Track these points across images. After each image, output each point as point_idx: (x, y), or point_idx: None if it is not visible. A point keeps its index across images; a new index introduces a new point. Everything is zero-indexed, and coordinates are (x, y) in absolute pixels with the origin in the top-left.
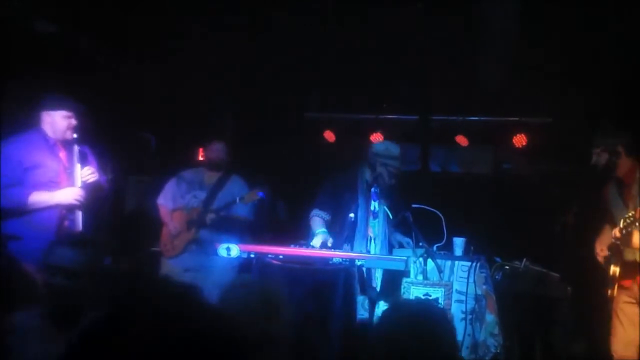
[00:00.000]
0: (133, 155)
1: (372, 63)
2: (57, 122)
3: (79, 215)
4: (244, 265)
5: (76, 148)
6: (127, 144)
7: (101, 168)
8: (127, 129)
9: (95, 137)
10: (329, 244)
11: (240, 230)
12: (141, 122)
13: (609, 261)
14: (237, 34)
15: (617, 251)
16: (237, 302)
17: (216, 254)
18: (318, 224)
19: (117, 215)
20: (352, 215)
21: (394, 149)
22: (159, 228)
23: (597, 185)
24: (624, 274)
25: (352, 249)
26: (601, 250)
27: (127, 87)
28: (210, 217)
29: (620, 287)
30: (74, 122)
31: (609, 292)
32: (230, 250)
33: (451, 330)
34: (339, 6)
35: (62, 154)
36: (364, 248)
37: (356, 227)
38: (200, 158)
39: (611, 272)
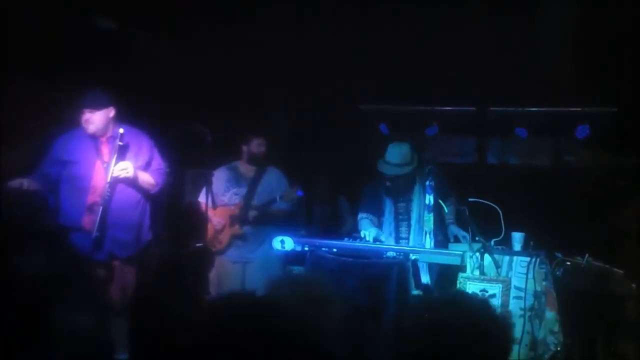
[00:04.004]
0: (190, 148)
1: (428, 54)
2: (92, 119)
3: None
4: (291, 256)
5: (117, 143)
6: (184, 137)
7: (154, 163)
8: (184, 123)
9: (151, 132)
10: (382, 238)
11: (283, 222)
12: (198, 116)
13: None
14: (291, 25)
15: None
16: (288, 296)
17: (262, 245)
18: (368, 225)
19: (176, 208)
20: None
21: (389, 154)
22: (204, 223)
23: None
24: None
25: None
26: None
27: (183, 81)
28: (253, 214)
29: None
30: (111, 118)
31: None
32: (285, 243)
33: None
34: None
35: (105, 149)
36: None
37: (382, 227)
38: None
39: None
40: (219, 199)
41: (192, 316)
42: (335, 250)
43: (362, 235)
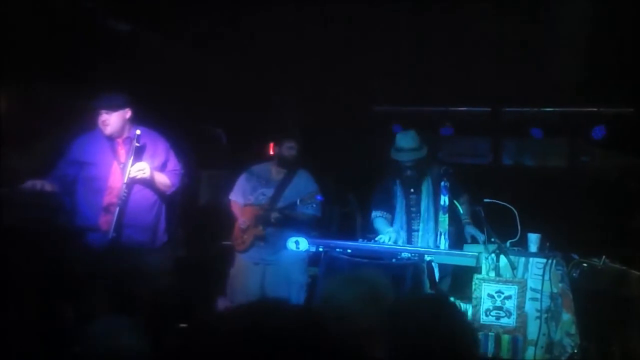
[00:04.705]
0: (205, 150)
1: (442, 54)
2: (109, 121)
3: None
4: (313, 258)
5: (134, 144)
6: (199, 139)
7: (170, 164)
8: (199, 125)
9: (167, 133)
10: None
11: (308, 226)
12: (213, 118)
13: None
14: (304, 26)
15: None
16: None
17: (284, 248)
18: (382, 223)
19: (191, 209)
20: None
21: (401, 141)
22: (231, 222)
23: None
24: None
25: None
26: None
27: (198, 83)
28: (274, 216)
29: None
30: (128, 119)
31: None
32: (299, 243)
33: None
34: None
35: (122, 150)
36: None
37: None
38: (270, 153)
39: None
40: (247, 198)
41: (209, 317)
42: (349, 251)
43: (380, 240)
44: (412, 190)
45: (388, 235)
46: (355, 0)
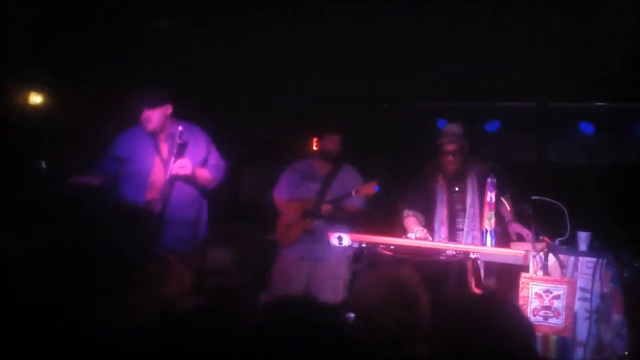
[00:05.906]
0: (248, 145)
1: (487, 46)
2: (150, 117)
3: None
4: (357, 254)
5: (176, 140)
6: (241, 135)
7: (212, 159)
8: (242, 121)
9: (209, 128)
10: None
11: (354, 221)
12: (255, 113)
13: None
14: (347, 20)
15: None
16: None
17: (329, 243)
18: (412, 222)
19: (234, 204)
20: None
21: (448, 129)
22: (273, 217)
23: None
24: None
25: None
26: None
27: (240, 80)
28: (324, 208)
29: None
30: (169, 115)
31: None
32: (342, 239)
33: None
34: None
35: (164, 146)
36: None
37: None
38: (314, 148)
39: None
40: (292, 193)
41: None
42: (392, 247)
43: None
44: (455, 186)
45: (414, 234)
46: None
